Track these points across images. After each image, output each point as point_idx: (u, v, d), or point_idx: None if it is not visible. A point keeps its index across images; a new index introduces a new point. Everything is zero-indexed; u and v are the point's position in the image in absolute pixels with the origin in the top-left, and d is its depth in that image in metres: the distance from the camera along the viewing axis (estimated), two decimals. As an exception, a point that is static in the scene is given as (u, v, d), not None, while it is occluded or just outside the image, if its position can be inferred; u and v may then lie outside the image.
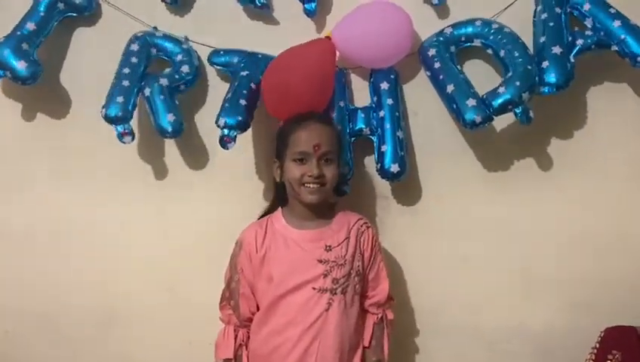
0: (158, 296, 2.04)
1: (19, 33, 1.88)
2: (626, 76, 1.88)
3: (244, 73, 1.85)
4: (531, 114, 1.74)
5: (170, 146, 2.00)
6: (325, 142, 1.66)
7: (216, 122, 1.78)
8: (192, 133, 1.98)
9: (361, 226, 1.75)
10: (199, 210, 2.01)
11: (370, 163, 1.93)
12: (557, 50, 1.73)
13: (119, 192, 2.03)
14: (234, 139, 1.79)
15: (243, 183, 1.98)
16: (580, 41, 1.77)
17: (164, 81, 1.84)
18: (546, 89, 1.73)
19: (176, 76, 1.87)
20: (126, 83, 1.83)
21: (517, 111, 1.73)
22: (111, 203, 2.03)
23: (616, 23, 1.74)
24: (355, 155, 1.88)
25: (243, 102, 1.79)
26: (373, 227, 1.79)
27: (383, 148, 1.81)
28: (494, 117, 1.73)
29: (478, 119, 1.72)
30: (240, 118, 1.77)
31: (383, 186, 1.95)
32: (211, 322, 1.79)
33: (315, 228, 1.70)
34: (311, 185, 1.66)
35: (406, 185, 1.92)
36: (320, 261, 1.66)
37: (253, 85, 1.83)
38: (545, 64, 1.73)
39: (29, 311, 2.07)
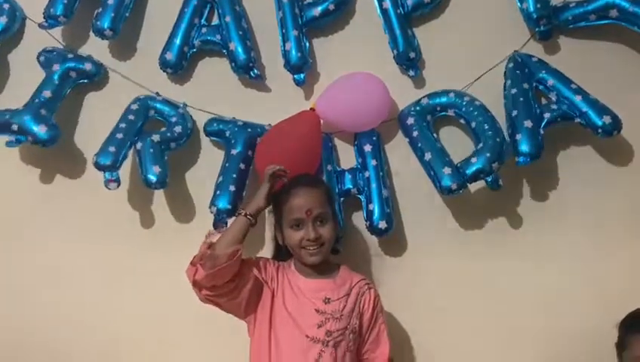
0: (150, 350, 2.07)
1: (37, 101, 2.01)
2: (591, 144, 1.98)
3: (234, 151, 1.96)
4: (500, 182, 1.87)
5: (173, 207, 2.10)
6: (316, 205, 1.71)
7: (209, 208, 1.91)
8: (182, 191, 2.08)
9: (363, 286, 1.77)
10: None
11: (359, 219, 1.99)
12: (528, 123, 1.86)
13: (117, 246, 2.09)
14: (226, 223, 1.91)
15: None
16: (547, 115, 1.90)
17: (156, 137, 1.96)
18: (521, 159, 1.87)
19: (168, 134, 1.99)
20: (120, 135, 1.96)
21: (488, 179, 1.86)
22: (109, 258, 2.09)
23: (578, 98, 1.87)
24: (345, 214, 1.97)
25: (232, 188, 1.92)
26: (375, 288, 1.81)
27: (371, 206, 1.92)
28: (468, 184, 1.86)
29: (454, 186, 1.84)
30: (230, 207, 1.90)
31: (371, 242, 2.02)
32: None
33: (320, 278, 1.75)
34: (310, 248, 1.72)
35: (391, 240, 2.00)
36: (317, 311, 1.70)
37: (242, 166, 1.95)
38: (518, 137, 1.86)
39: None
